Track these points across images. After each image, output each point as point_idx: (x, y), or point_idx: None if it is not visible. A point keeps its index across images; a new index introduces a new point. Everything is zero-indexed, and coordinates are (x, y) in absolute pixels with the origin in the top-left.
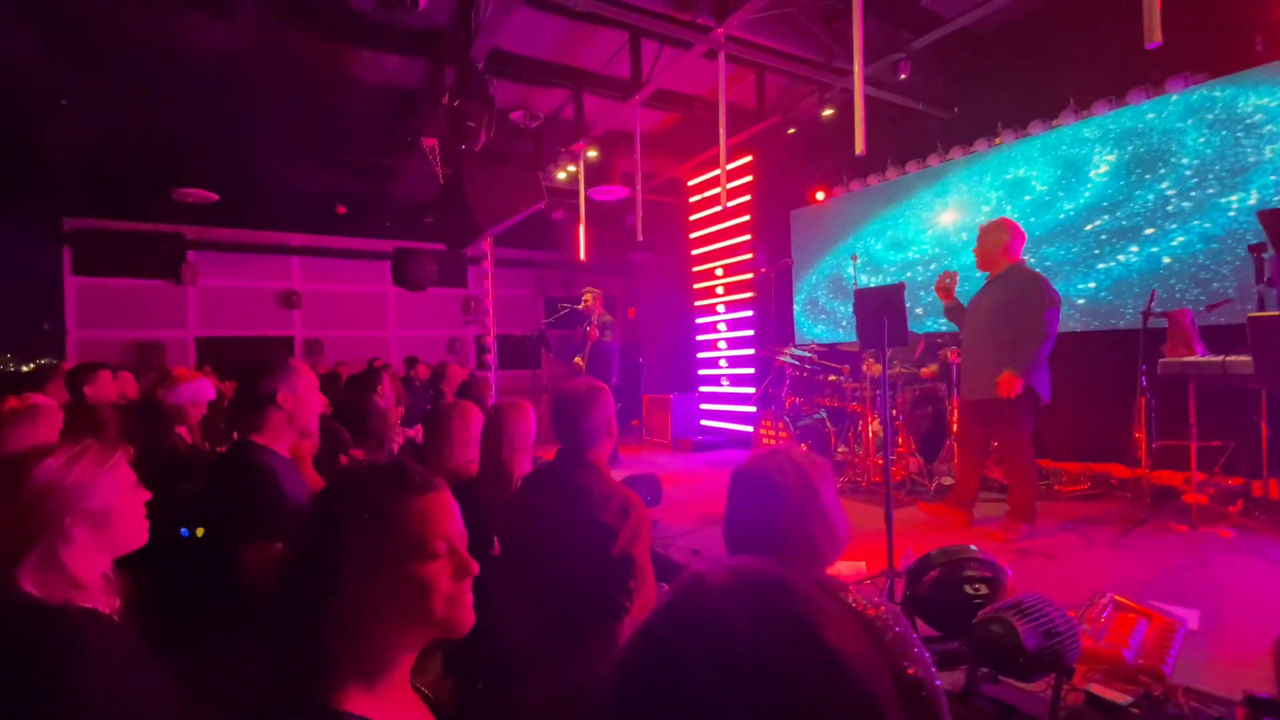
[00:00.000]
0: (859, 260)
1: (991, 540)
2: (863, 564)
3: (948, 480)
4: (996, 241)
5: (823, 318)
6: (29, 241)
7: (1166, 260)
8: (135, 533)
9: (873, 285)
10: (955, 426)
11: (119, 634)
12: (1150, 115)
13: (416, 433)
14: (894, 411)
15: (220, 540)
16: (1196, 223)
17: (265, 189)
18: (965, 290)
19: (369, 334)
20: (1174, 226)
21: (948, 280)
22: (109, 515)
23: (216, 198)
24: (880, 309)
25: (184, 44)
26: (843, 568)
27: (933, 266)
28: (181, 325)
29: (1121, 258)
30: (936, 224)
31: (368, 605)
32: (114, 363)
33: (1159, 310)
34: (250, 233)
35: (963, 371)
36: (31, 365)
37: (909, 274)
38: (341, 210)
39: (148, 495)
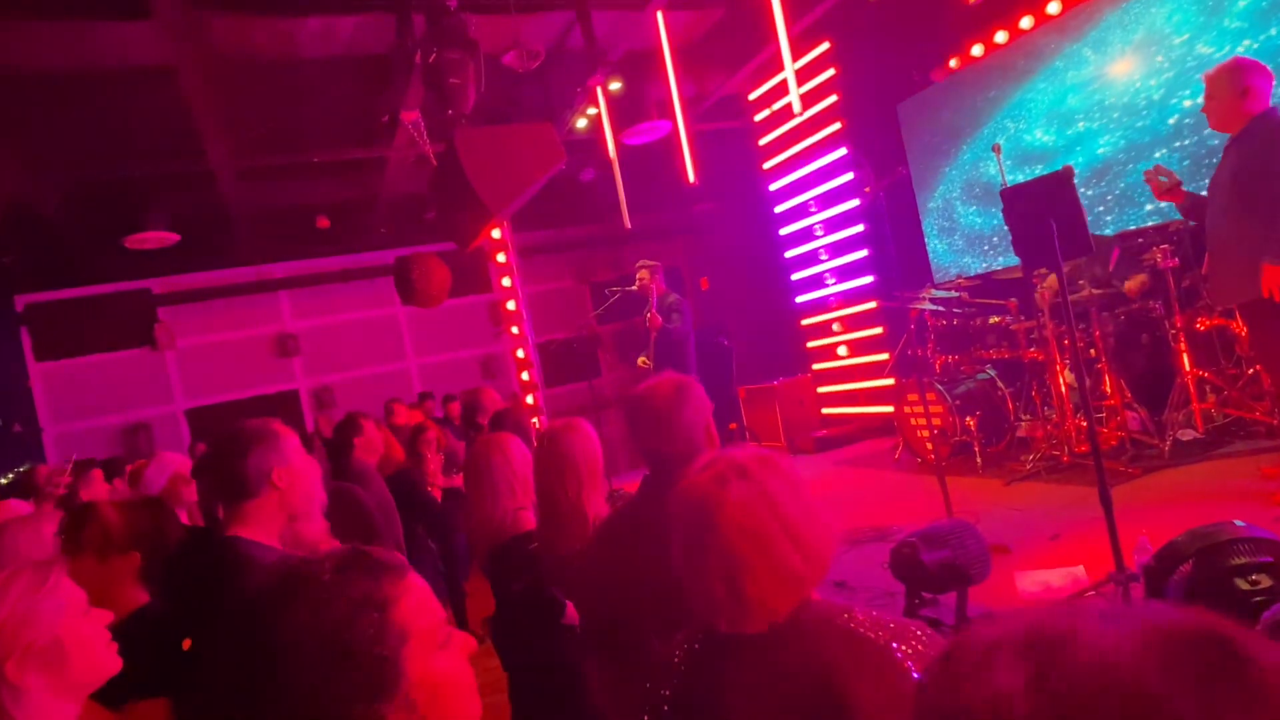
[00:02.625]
0: (1002, 151)
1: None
2: (1080, 568)
3: (1186, 435)
4: (1232, 88)
5: (966, 241)
6: None
7: None
8: (101, 661)
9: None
10: (1185, 358)
11: None
12: None
13: (459, 481)
14: (1091, 351)
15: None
16: None
17: (232, 217)
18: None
19: (384, 369)
20: None
21: (1162, 178)
22: (62, 648)
23: (178, 238)
24: (1043, 209)
25: (105, 63)
26: (1052, 577)
27: (1102, 144)
28: (167, 399)
29: None
30: (1106, 78)
31: None
32: (102, 456)
33: None
34: (225, 273)
35: (1210, 273)
36: (9, 477)
37: (1075, 158)
38: (324, 224)
39: (109, 616)
